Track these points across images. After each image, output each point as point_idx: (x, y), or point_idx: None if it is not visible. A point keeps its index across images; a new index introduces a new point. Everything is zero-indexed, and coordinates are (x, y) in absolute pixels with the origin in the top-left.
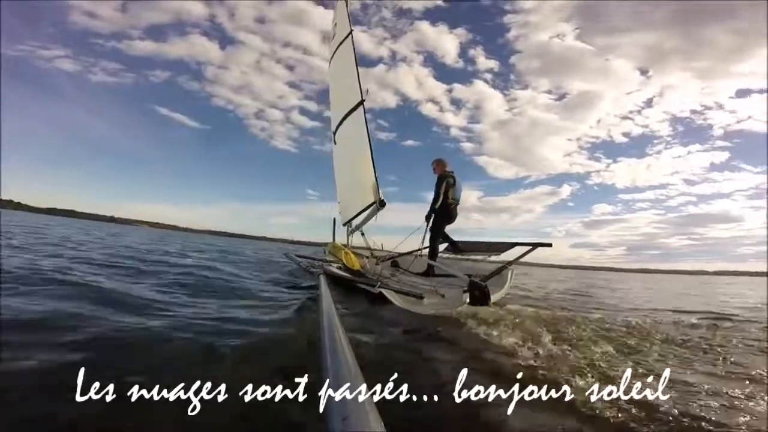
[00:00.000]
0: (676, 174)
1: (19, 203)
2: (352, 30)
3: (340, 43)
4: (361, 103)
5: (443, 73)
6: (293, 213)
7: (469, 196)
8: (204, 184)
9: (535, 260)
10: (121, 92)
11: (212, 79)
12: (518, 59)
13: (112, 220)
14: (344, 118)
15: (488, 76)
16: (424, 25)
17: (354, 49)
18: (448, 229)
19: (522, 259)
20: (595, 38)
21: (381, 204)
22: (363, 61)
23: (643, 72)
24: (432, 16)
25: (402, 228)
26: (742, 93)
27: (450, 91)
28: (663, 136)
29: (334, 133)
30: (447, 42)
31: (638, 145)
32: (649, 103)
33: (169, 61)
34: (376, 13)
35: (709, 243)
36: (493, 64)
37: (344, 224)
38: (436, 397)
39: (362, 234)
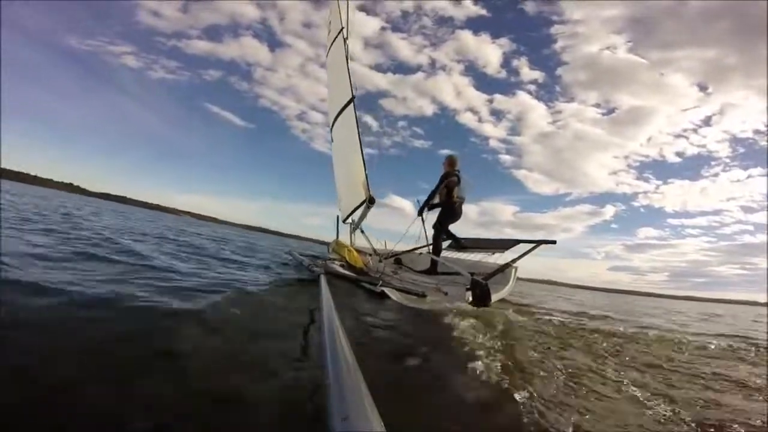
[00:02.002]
0: (732, 200)
1: (77, 186)
2: (343, 27)
3: (333, 41)
4: (352, 100)
5: (484, 82)
6: (326, 215)
7: (503, 211)
8: (246, 180)
9: (568, 281)
10: (176, 89)
11: (260, 81)
12: (565, 71)
13: (157, 208)
14: (337, 116)
15: (532, 87)
16: (466, 34)
17: (346, 47)
18: (453, 226)
19: (555, 279)
20: (649, 52)
21: (371, 201)
22: (401, 68)
23: (702, 88)
24: (474, 25)
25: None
26: None
27: (491, 101)
28: (721, 158)
29: (331, 131)
30: (489, 51)
31: (693, 167)
32: (707, 121)
33: (223, 61)
34: (417, 21)
35: (763, 275)
36: (537, 75)
37: (344, 221)
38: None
39: (362, 231)
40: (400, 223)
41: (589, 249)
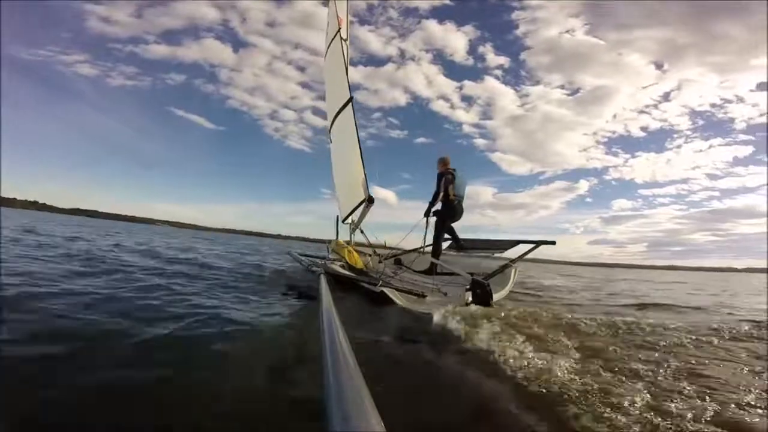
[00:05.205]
0: (697, 168)
1: (44, 204)
2: (340, 28)
3: (331, 41)
4: (350, 101)
5: (453, 70)
6: (308, 212)
7: (483, 193)
8: (221, 183)
9: (551, 257)
10: (139, 95)
11: (226, 82)
12: (528, 55)
13: (132, 219)
14: (336, 116)
15: (499, 72)
16: (432, 24)
17: (343, 47)
18: (457, 225)
19: (538, 256)
20: (607, 33)
21: (370, 201)
22: (372, 60)
23: (659, 66)
24: (439, 14)
25: (418, 225)
26: (764, 86)
27: (460, 88)
28: (683, 130)
29: (329, 131)
30: (455, 39)
31: (657, 140)
32: (666, 97)
33: (185, 64)
34: (383, 13)
35: (735, 239)
36: (503, 60)
37: (343, 221)
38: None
39: (362, 231)
40: (383, 214)
41: (567, 224)
